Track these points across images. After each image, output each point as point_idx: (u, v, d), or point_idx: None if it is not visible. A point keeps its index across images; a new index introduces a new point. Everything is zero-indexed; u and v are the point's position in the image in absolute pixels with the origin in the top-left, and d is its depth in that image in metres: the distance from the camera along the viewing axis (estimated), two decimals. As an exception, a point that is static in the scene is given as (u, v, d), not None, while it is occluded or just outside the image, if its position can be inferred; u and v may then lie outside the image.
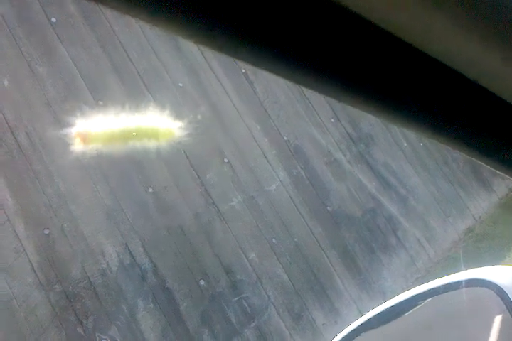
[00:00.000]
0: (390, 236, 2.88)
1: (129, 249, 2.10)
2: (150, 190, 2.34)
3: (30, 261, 1.86)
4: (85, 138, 0.70)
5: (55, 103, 2.33)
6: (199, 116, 2.62)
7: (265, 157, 2.74)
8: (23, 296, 1.78)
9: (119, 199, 2.23)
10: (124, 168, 2.35)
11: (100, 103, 2.47)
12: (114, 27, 2.65)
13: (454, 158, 3.47)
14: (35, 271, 1.85)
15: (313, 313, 2.41)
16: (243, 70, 2.99)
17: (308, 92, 3.18)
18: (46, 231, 1.97)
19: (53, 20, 2.49)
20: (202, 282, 2.20)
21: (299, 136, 2.95)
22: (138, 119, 0.71)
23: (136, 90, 2.57)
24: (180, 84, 2.74)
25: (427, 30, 0.27)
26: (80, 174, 2.22)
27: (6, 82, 2.29)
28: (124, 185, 2.28)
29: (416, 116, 0.34)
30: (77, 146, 0.66)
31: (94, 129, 0.71)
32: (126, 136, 0.71)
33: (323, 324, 2.42)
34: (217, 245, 2.34)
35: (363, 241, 2.77)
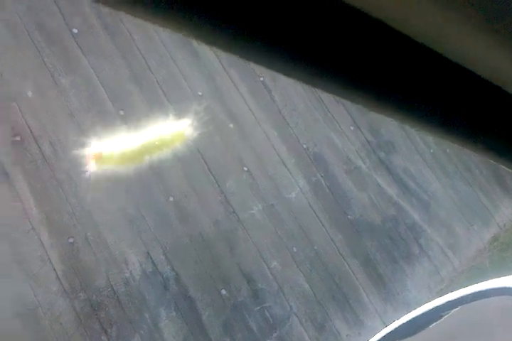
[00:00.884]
0: (413, 245, 2.85)
1: (151, 258, 2.11)
2: (171, 198, 2.35)
3: (54, 270, 1.87)
4: (106, 152, 0.70)
5: (78, 113, 2.37)
6: (218, 125, 2.63)
7: (284, 164, 2.74)
8: (48, 304, 1.79)
9: (141, 208, 2.25)
10: (145, 178, 2.36)
11: (121, 113, 2.50)
12: (134, 36, 2.68)
13: (477, 164, 3.43)
14: (59, 279, 1.86)
15: (336, 324, 2.39)
16: (261, 78, 3.00)
17: (327, 100, 3.17)
18: (70, 240, 1.99)
19: (75, 31, 2.53)
20: (223, 291, 2.19)
21: (318, 143, 2.94)
22: (159, 129, 0.71)
23: (155, 99, 2.60)
24: (200, 93, 2.76)
25: (440, 31, 0.26)
26: (103, 183, 2.23)
27: (30, 93, 2.33)
28: (145, 194, 2.29)
29: (435, 118, 0.33)
30: (99, 157, 0.67)
31: (117, 141, 0.71)
32: (148, 146, 0.71)
33: (347, 335, 2.39)
34: (238, 253, 2.33)
35: (385, 250, 2.74)
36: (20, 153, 2.17)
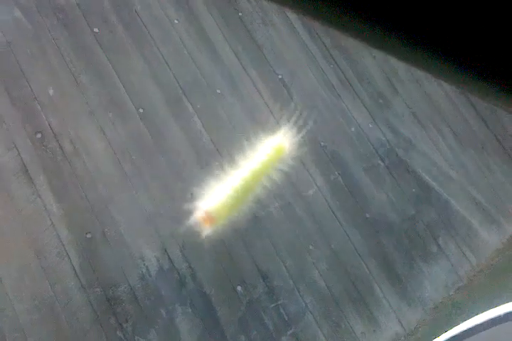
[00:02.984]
0: (431, 244, 2.82)
1: (167, 254, 2.13)
2: (189, 195, 2.37)
3: (72, 265, 1.91)
4: (213, 210, 0.61)
5: (98, 111, 2.40)
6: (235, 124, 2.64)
7: (302, 162, 2.74)
8: (66, 299, 1.83)
9: (158, 204, 2.27)
10: (164, 175, 2.39)
11: (141, 110, 2.53)
12: (152, 33, 2.71)
13: (498, 163, 3.37)
14: (77, 275, 1.90)
15: (351, 321, 2.38)
16: (279, 76, 3.00)
17: (346, 97, 3.15)
18: (88, 236, 2.02)
19: (95, 30, 2.57)
20: (239, 288, 2.21)
21: (336, 141, 2.93)
22: (250, 155, 0.60)
23: (174, 97, 2.62)
24: (218, 91, 2.77)
25: None
26: (121, 180, 2.27)
27: (51, 91, 2.37)
28: (163, 191, 2.31)
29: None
30: (211, 219, 0.59)
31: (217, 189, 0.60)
32: (252, 179, 0.60)
33: (361, 332, 2.39)
34: (254, 251, 2.34)
35: (403, 249, 2.72)
36: (41, 150, 2.21)
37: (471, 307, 2.41)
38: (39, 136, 2.25)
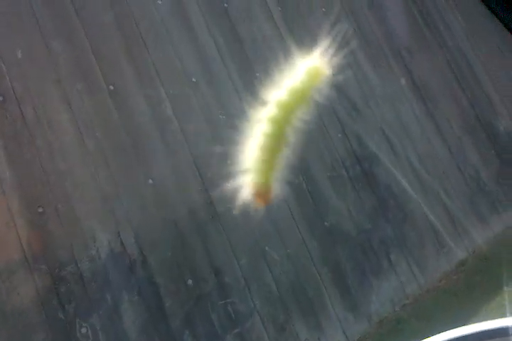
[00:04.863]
0: (383, 259, 2.84)
1: (120, 238, 2.03)
2: (150, 181, 2.28)
3: (19, 238, 1.79)
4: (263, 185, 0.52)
5: (66, 81, 2.28)
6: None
7: (268, 164, 2.70)
8: (8, 272, 1.71)
9: (118, 186, 2.17)
10: (127, 156, 2.29)
11: (111, 87, 2.42)
12: (132, 8, 2.61)
13: (455, 188, 3.46)
14: (23, 249, 1.78)
15: (297, 326, 2.36)
16: (257, 73, 2.96)
17: (320, 105, 3.15)
18: (40, 210, 1.90)
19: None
20: (190, 281, 2.13)
21: (304, 146, 2.91)
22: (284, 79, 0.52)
23: (148, 79, 2.53)
24: (194, 79, 2.70)
25: None
26: (81, 155, 2.16)
27: (19, 54, 2.23)
28: (124, 172, 2.22)
29: None
30: (263, 195, 0.52)
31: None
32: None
33: (305, 339, 2.36)
34: (210, 246, 2.28)
35: (356, 261, 2.72)
36: (0, 113, 2.08)
37: (414, 325, 2.43)
38: (0, 98, 2.11)
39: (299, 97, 0.52)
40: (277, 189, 0.53)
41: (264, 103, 0.52)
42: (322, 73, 0.52)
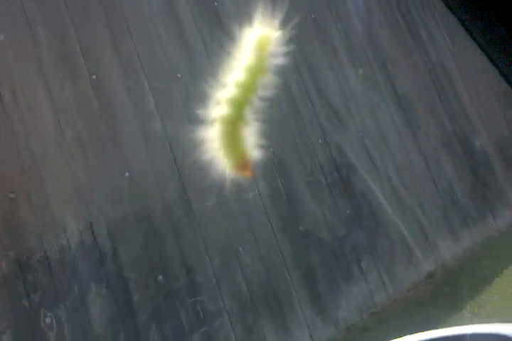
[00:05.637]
0: (354, 266, 2.85)
1: (92, 230, 1.99)
2: (127, 174, 2.24)
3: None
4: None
5: (48, 67, 2.23)
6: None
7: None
8: (-26, 256, 1.65)
9: (93, 177, 2.14)
10: (105, 148, 2.25)
11: (94, 77, 2.38)
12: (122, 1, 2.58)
13: (429, 201, 3.50)
14: (-9, 233, 1.72)
15: (264, 329, 2.34)
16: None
17: (303, 109, 3.15)
18: (12, 195, 1.85)
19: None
20: (160, 277, 2.10)
21: (285, 150, 2.91)
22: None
23: (132, 72, 2.49)
24: (179, 75, 2.68)
25: None
26: (59, 144, 2.11)
27: (1, 36, 2.18)
28: (101, 164, 2.18)
29: None
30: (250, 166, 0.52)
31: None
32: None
33: (272, 341, 2.35)
34: (183, 243, 2.25)
35: (328, 266, 2.73)
36: (-22, 95, 2.02)
37: (380, 333, 2.44)
38: (-21, 79, 2.06)
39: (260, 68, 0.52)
40: (255, 166, 0.52)
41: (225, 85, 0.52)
42: (271, 37, 0.52)
